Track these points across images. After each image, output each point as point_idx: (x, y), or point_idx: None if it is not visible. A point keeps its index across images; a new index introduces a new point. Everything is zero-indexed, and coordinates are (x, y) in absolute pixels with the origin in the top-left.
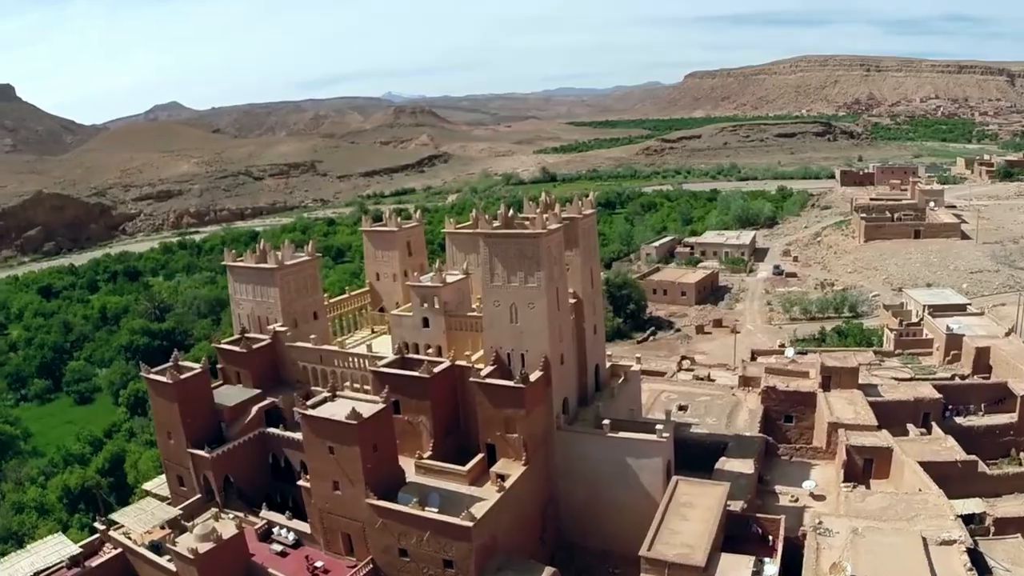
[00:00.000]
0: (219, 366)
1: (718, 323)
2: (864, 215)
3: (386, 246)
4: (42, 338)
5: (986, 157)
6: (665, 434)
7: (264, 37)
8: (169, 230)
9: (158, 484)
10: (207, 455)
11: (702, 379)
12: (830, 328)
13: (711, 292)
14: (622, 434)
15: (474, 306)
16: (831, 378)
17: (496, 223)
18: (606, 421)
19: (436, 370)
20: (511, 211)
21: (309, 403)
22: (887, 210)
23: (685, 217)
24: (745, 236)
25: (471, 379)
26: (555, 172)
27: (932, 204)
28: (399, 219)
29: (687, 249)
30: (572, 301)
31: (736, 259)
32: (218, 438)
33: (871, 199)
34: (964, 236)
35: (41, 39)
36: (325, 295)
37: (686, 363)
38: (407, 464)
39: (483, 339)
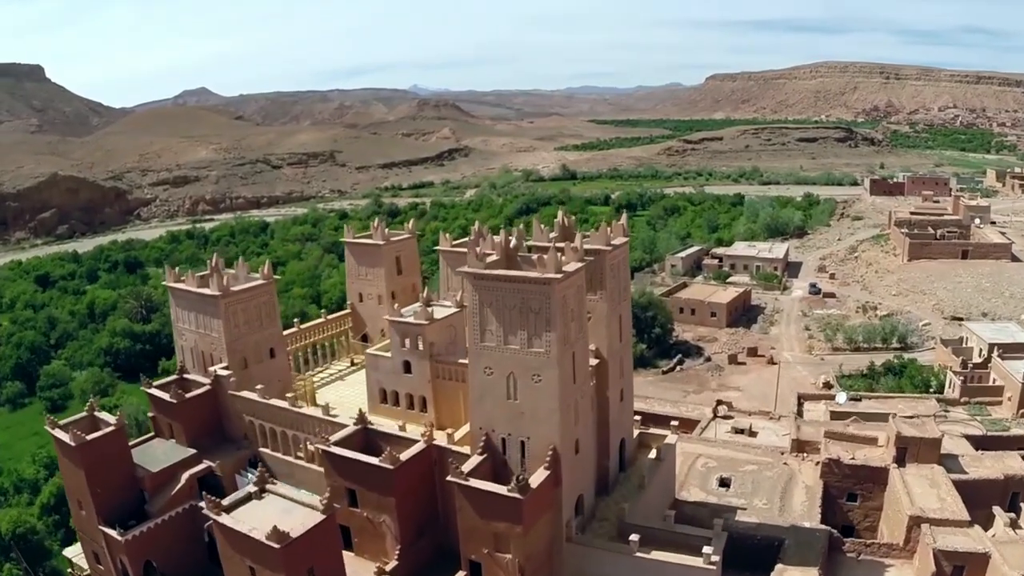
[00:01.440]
0: (150, 415)
1: (753, 352)
2: (906, 231)
3: (371, 262)
4: (20, 335)
5: (1017, 170)
6: (714, 558)
7: (295, 26)
8: (184, 216)
9: (80, 552)
10: (119, 537)
11: (742, 432)
12: (880, 363)
13: (743, 312)
14: (656, 555)
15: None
16: (907, 449)
17: (492, 255)
18: (634, 537)
19: (404, 457)
20: (514, 237)
21: (227, 501)
22: (929, 226)
23: (711, 224)
24: (778, 249)
25: (449, 477)
26: (575, 170)
27: (978, 221)
28: (387, 230)
29: (715, 261)
30: (594, 362)
31: (769, 275)
32: (139, 511)
33: (911, 213)
34: (1014, 258)
35: (74, 21)
36: (296, 321)
37: (722, 409)
38: (366, 569)
39: (470, 417)
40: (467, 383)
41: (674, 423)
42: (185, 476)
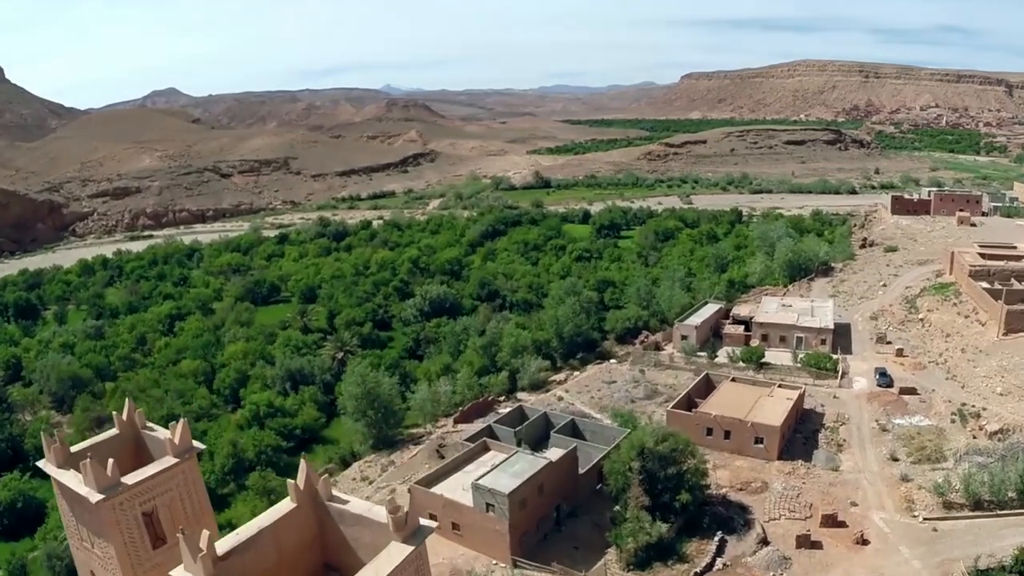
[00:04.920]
0: None
1: (830, 520)
2: (987, 285)
3: (93, 525)
4: None
5: None
6: None
7: (270, 26)
8: (122, 232)
9: None
10: None
11: None
12: None
13: (796, 426)
14: None
15: None
16: None
17: None
18: None
19: None
20: None
21: None
22: (1013, 277)
23: (719, 260)
24: (823, 312)
25: None
26: (549, 177)
27: None
28: (109, 462)
29: (739, 328)
30: None
31: (820, 357)
32: None
33: (980, 252)
34: None
35: (41, 21)
36: None
37: None
38: None
39: None
40: None
41: None
42: None
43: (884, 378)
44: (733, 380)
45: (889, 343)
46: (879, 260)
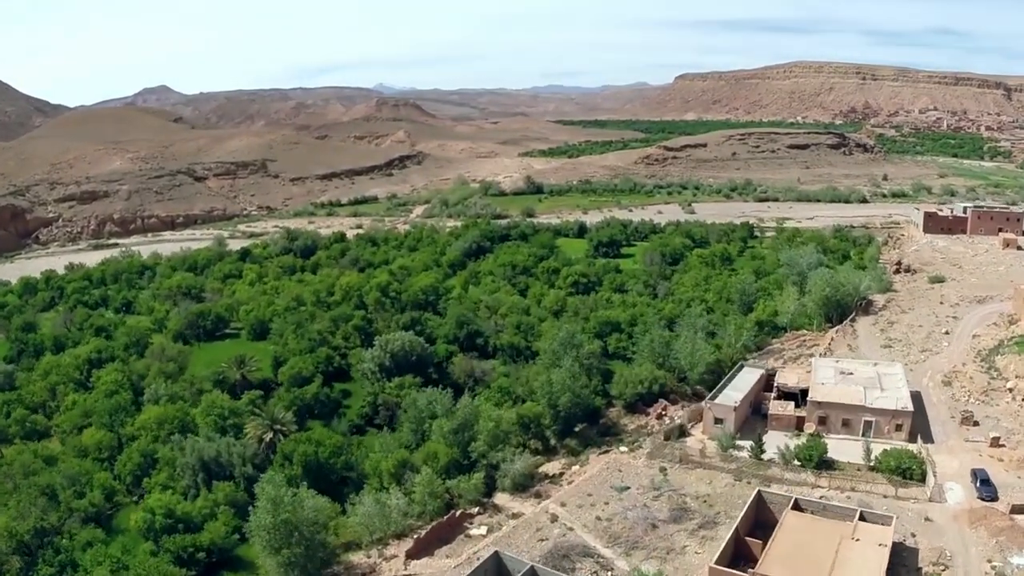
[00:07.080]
0: None
1: None
2: None
3: None
4: None
5: None
6: None
7: (262, 22)
8: (87, 240)
9: None
10: None
11: None
12: None
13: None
14: None
15: None
16: None
17: None
18: None
19: None
20: None
21: None
22: None
23: (744, 297)
24: (892, 381)
25: None
26: (541, 182)
27: None
28: None
29: (788, 405)
30: None
31: (901, 457)
32: None
33: None
34: None
35: (31, 17)
36: None
37: None
38: None
39: None
40: None
41: None
42: None
43: (987, 488)
44: (796, 506)
45: (977, 424)
46: (927, 295)
